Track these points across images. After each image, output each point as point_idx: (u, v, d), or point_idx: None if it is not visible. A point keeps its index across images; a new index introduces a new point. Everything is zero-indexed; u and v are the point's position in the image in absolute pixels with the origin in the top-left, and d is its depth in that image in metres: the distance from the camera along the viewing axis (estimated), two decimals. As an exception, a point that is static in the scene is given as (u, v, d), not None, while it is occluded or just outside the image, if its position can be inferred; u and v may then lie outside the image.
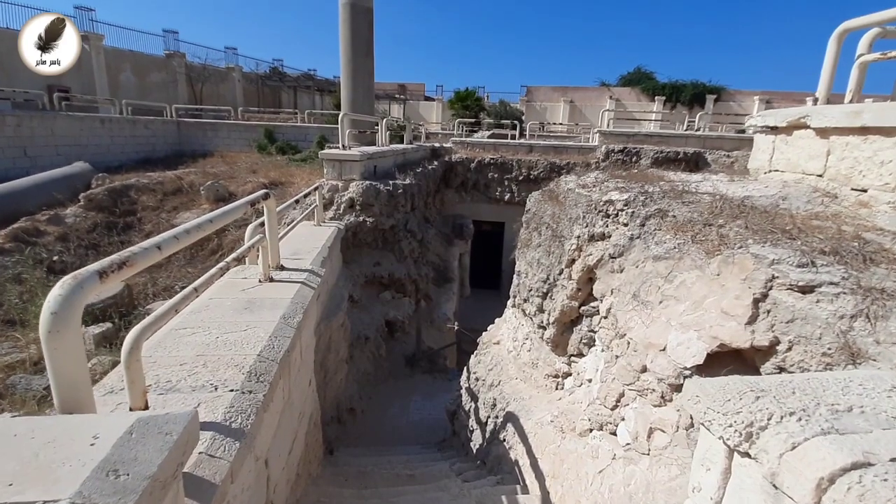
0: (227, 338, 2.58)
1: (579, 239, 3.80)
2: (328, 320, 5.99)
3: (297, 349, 2.99)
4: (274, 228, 3.69)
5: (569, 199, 4.26)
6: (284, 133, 20.58)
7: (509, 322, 5.53)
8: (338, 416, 6.35)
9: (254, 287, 3.41)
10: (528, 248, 4.69)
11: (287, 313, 2.98)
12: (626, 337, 2.99)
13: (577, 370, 3.93)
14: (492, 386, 4.96)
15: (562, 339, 4.03)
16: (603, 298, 3.61)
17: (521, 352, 4.84)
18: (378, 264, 8.44)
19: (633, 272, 3.24)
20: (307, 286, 3.61)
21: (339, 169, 8.33)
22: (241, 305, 3.05)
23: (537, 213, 4.77)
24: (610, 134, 16.15)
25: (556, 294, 4.01)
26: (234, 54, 31.82)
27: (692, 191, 3.51)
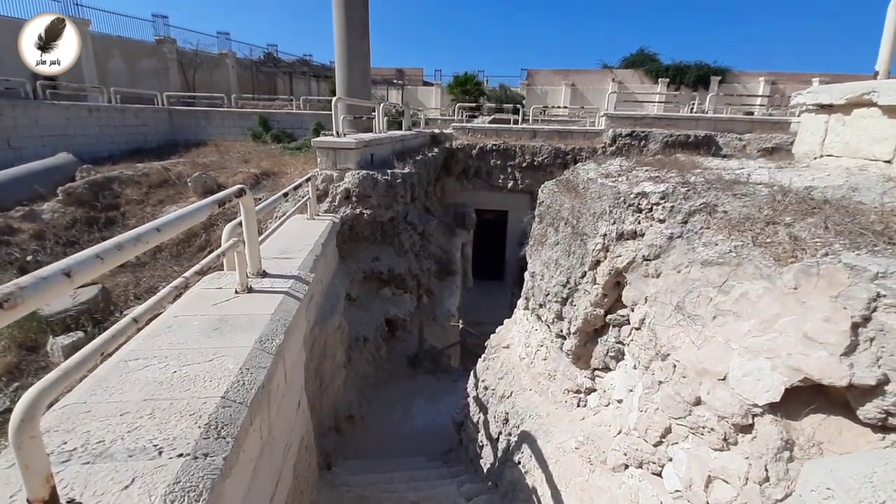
0: (186, 372, 2.09)
1: (605, 238, 3.30)
2: (323, 324, 5.52)
3: (277, 377, 2.51)
4: (253, 230, 3.18)
5: (590, 191, 3.74)
6: (280, 120, 19.96)
7: (520, 325, 5.05)
8: (336, 426, 5.91)
9: (228, 300, 2.91)
10: (542, 245, 4.19)
11: (265, 335, 2.48)
12: (671, 358, 2.50)
13: (602, 386, 3.45)
14: (503, 397, 4.49)
15: (584, 351, 3.55)
16: (635, 307, 3.12)
17: (535, 360, 4.36)
18: (377, 259, 7.94)
19: (675, 278, 2.74)
20: (292, 297, 3.11)
21: (334, 158, 7.78)
22: (210, 325, 2.55)
23: (552, 207, 4.26)
24: (617, 117, 15.52)
25: (577, 300, 3.51)
26: (226, 39, 30.93)
27: (742, 181, 3.00)
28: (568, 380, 3.72)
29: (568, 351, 3.59)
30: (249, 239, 3.19)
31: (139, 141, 17.91)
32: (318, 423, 5.47)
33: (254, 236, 3.21)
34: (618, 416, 3.11)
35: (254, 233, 3.20)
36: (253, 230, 3.18)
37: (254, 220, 3.20)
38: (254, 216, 3.19)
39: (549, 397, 3.93)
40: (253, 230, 3.18)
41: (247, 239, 3.20)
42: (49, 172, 10.60)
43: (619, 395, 3.19)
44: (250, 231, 3.16)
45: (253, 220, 3.18)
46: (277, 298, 2.99)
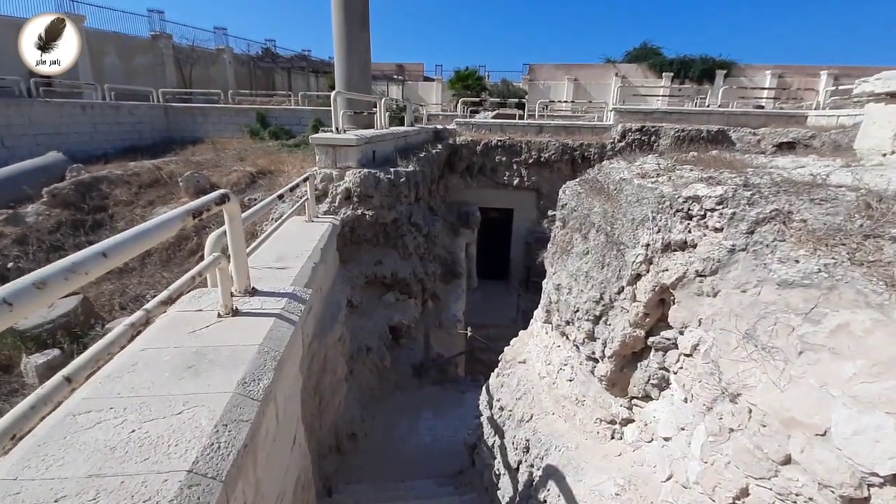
0: (148, 431, 1.65)
1: (648, 248, 2.85)
2: (322, 337, 5.08)
3: (266, 425, 2.07)
4: (240, 241, 2.74)
5: (624, 194, 3.29)
6: (278, 117, 19.49)
7: (539, 338, 4.61)
8: (337, 445, 5.49)
9: (208, 326, 2.47)
10: (567, 254, 3.74)
11: (250, 374, 2.04)
12: (744, 400, 2.06)
13: (642, 418, 3.01)
14: (522, 421, 4.06)
15: (621, 377, 3.10)
16: (685, 329, 2.67)
17: (557, 380, 3.92)
18: (380, 263, 7.50)
19: (739, 299, 2.29)
20: (286, 320, 2.67)
21: (334, 155, 7.32)
22: (183, 362, 2.11)
23: (577, 210, 3.80)
24: (625, 112, 15.04)
25: (613, 319, 3.07)
26: (223, 35, 30.39)
27: (819, 183, 2.55)
28: (600, 408, 3.28)
29: (602, 376, 3.14)
30: (235, 252, 2.75)
31: (134, 139, 17.46)
32: (318, 444, 5.05)
33: (240, 249, 2.77)
34: (666, 457, 2.67)
35: (240, 244, 2.75)
36: (239, 241, 2.74)
37: (240, 231, 2.75)
38: (240, 226, 2.74)
39: (577, 425, 3.49)
40: (239, 241, 2.74)
41: (232, 252, 2.75)
42: (38, 172, 10.15)
43: (665, 432, 2.75)
44: (236, 243, 2.72)
45: (239, 230, 2.74)
46: (268, 323, 2.55)
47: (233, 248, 2.74)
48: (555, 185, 14.45)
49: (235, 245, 2.73)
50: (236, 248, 2.74)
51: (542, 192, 14.65)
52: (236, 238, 2.71)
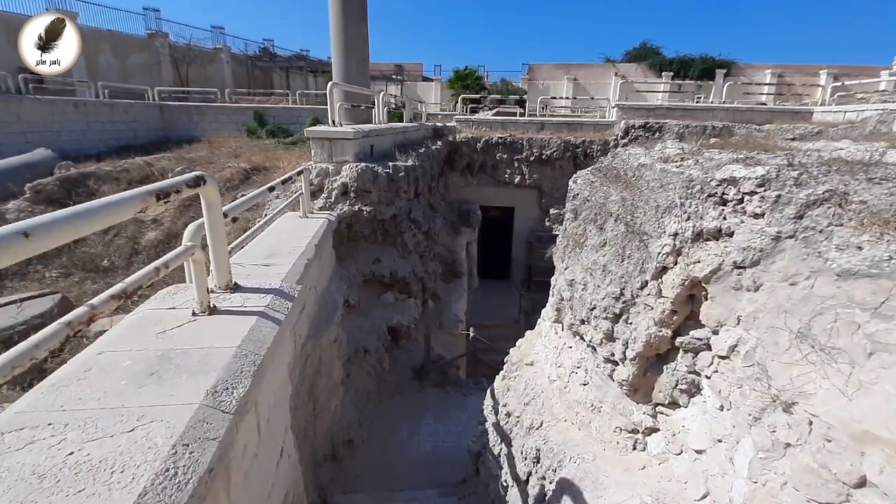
0: (89, 454, 1.35)
1: (676, 238, 2.55)
2: (317, 338, 4.78)
3: (243, 439, 1.77)
4: (219, 231, 2.44)
5: (645, 179, 3.00)
6: (275, 116, 19.21)
7: (547, 339, 4.31)
8: (333, 453, 5.17)
9: (180, 326, 2.16)
10: (580, 247, 3.44)
11: (222, 382, 1.74)
12: (802, 410, 1.76)
13: (669, 427, 2.71)
14: (531, 428, 3.75)
15: (644, 382, 2.80)
16: (720, 328, 2.37)
17: (569, 384, 3.62)
18: (378, 261, 7.19)
19: (787, 293, 2.00)
20: (270, 319, 2.36)
21: (330, 149, 7.02)
22: (145, 367, 1.81)
23: (591, 200, 3.51)
24: (629, 108, 14.76)
25: (635, 317, 2.77)
26: (220, 34, 30.06)
27: (874, 161, 2.25)
28: (620, 415, 2.97)
29: (622, 381, 2.84)
30: (214, 243, 2.45)
31: (129, 137, 17.15)
32: (312, 452, 4.74)
33: (220, 239, 2.46)
34: (699, 472, 2.37)
35: (220, 235, 2.45)
36: (219, 231, 2.44)
37: (219, 219, 2.45)
38: (220, 214, 2.44)
39: (594, 434, 3.19)
40: (219, 231, 2.44)
41: (211, 243, 2.45)
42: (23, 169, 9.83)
43: (698, 444, 2.44)
44: (215, 232, 2.42)
45: (218, 218, 2.44)
46: (248, 322, 2.24)
47: (211, 238, 2.44)
48: (556, 182, 14.25)
49: (214, 235, 2.43)
50: (215, 239, 2.44)
51: (544, 191, 14.37)
52: (215, 227, 2.41)
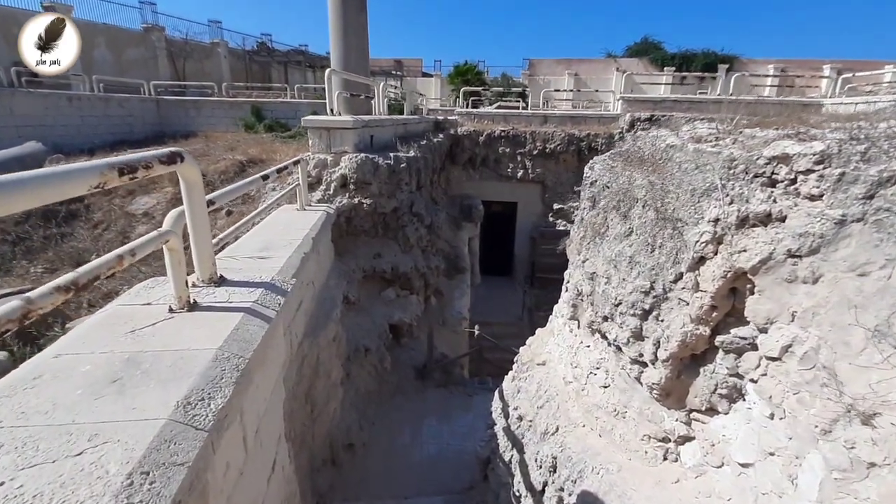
0: (22, 486, 1.06)
1: (717, 224, 2.26)
2: (315, 336, 4.49)
3: (226, 459, 1.49)
4: (201, 216, 2.15)
5: (675, 161, 2.71)
6: (273, 110, 18.93)
7: (561, 337, 4.02)
8: (332, 458, 4.90)
9: (154, 324, 1.88)
10: (601, 237, 3.15)
11: (196, 392, 1.45)
12: (888, 423, 1.48)
13: (707, 436, 2.43)
14: (546, 434, 3.47)
15: (677, 385, 2.52)
16: (769, 325, 2.09)
17: (588, 386, 3.34)
18: (378, 256, 6.91)
19: (858, 286, 1.71)
20: (259, 316, 2.08)
21: (328, 139, 6.72)
22: (108, 373, 1.52)
23: (613, 186, 3.22)
24: (634, 101, 14.45)
25: (668, 313, 2.48)
26: (218, 28, 29.66)
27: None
28: (648, 422, 2.69)
29: (653, 384, 2.56)
30: (195, 229, 2.16)
31: (124, 132, 16.85)
32: (311, 457, 4.46)
33: (202, 225, 2.18)
34: (747, 489, 2.09)
35: (201, 220, 2.16)
36: (200, 216, 2.15)
37: (202, 203, 2.16)
38: (201, 197, 2.15)
39: (617, 441, 2.91)
40: (200, 216, 2.15)
41: (191, 229, 2.16)
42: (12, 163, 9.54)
43: (744, 457, 2.16)
44: (196, 217, 2.13)
45: (200, 202, 2.15)
46: (234, 320, 1.96)
47: (192, 224, 2.15)
48: (560, 177, 13.96)
49: (195, 221, 2.14)
50: (197, 225, 2.15)
51: (548, 185, 14.09)
52: (196, 212, 2.13)
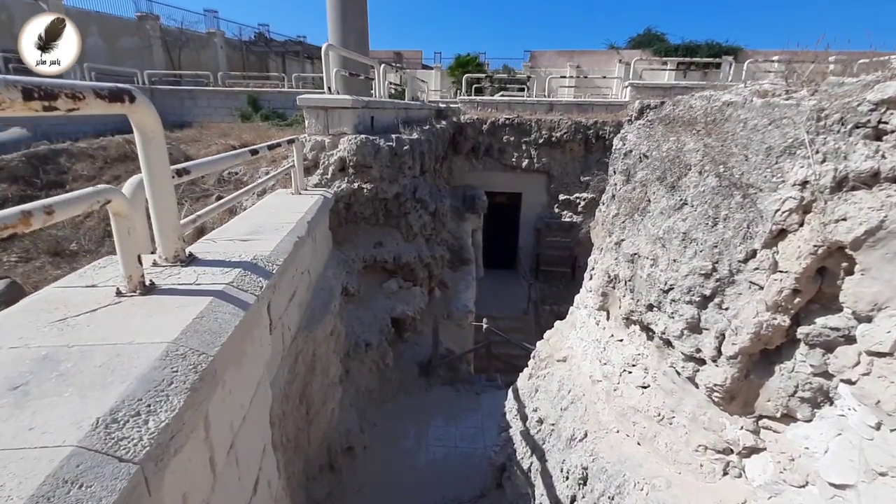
0: None
1: (805, 188, 1.83)
2: (310, 330, 4.07)
3: (178, 492, 1.06)
4: (161, 179, 1.71)
5: (737, 120, 2.27)
6: (271, 100, 18.46)
7: (586, 330, 3.59)
8: (329, 463, 4.47)
9: (93, 311, 1.44)
10: (640, 214, 2.71)
11: (127, 405, 1.01)
12: None
13: (783, 448, 2.00)
14: (572, 440, 3.05)
15: (745, 387, 2.09)
16: (874, 313, 1.66)
17: (622, 386, 2.91)
18: (380, 245, 6.47)
19: None
20: (232, 301, 1.64)
21: (326, 119, 6.26)
22: (10, 375, 1.09)
23: (653, 155, 2.78)
24: (643, 88, 13.98)
25: (735, 300, 2.05)
26: (214, 18, 29.11)
27: None
28: (705, 430, 2.27)
29: (714, 385, 2.12)
30: (155, 193, 1.72)
31: (116, 121, 16.26)
32: (306, 463, 4.04)
33: (164, 189, 1.74)
34: (850, 519, 1.66)
35: (163, 182, 1.72)
36: (161, 177, 1.71)
37: (162, 161, 1.72)
38: (161, 151, 1.71)
39: (662, 451, 2.48)
40: (161, 177, 1.71)
41: (150, 196, 1.73)
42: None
43: (839, 476, 1.74)
44: (155, 180, 1.69)
45: (159, 159, 1.71)
46: (199, 305, 1.52)
47: (150, 187, 1.71)
48: (566, 167, 13.50)
49: (155, 182, 1.70)
50: (157, 189, 1.71)
51: (553, 175, 13.62)
52: (155, 171, 1.69)
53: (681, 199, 2.36)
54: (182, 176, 2.35)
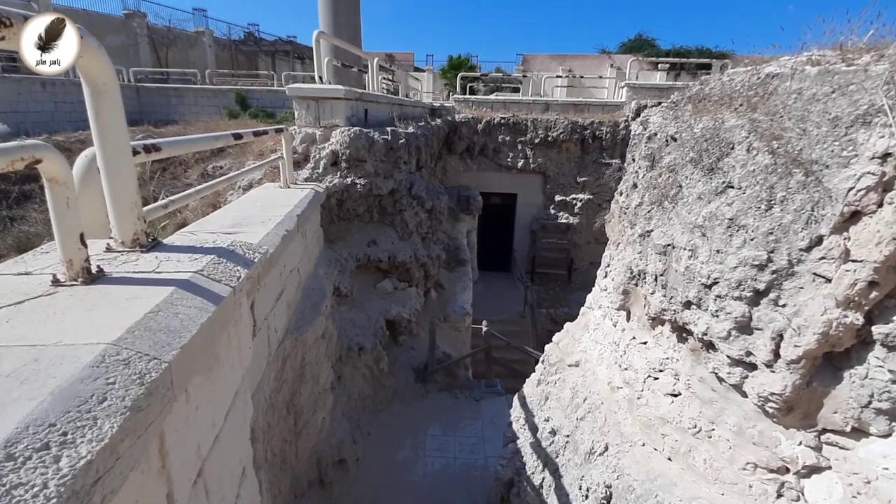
0: None
1: (886, 162, 1.55)
2: (299, 332, 3.73)
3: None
4: (115, 138, 1.39)
5: (784, 93, 2.00)
6: (259, 98, 18.10)
7: (600, 332, 3.30)
8: (320, 477, 4.12)
9: (20, 303, 1.11)
10: (671, 201, 2.43)
11: (32, 430, 0.70)
12: None
13: (853, 467, 1.72)
14: (592, 454, 2.75)
15: (806, 396, 1.81)
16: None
17: (646, 393, 2.62)
18: (374, 243, 6.14)
19: None
20: (198, 293, 1.32)
21: (317, 111, 5.94)
22: None
23: (683, 136, 2.50)
24: (639, 88, 13.83)
25: (795, 295, 1.77)
26: (203, 17, 28.64)
27: None
28: (754, 445, 1.98)
29: (770, 394, 1.84)
30: (107, 160, 1.40)
31: (99, 119, 15.93)
32: (293, 479, 3.69)
33: (119, 156, 1.42)
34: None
35: (118, 147, 1.40)
36: (116, 141, 1.39)
37: (117, 120, 1.40)
38: (116, 108, 1.39)
39: (699, 468, 2.19)
40: (116, 141, 1.39)
41: (102, 165, 1.41)
42: (-33, 143, 8.63)
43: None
44: (108, 145, 1.37)
45: (114, 117, 1.39)
46: (156, 297, 1.20)
47: (102, 153, 1.39)
48: (562, 167, 13.27)
49: (108, 148, 1.38)
50: (110, 155, 1.39)
51: (549, 176, 13.40)
52: (108, 134, 1.37)
53: (723, 181, 2.08)
54: (151, 153, 2.04)
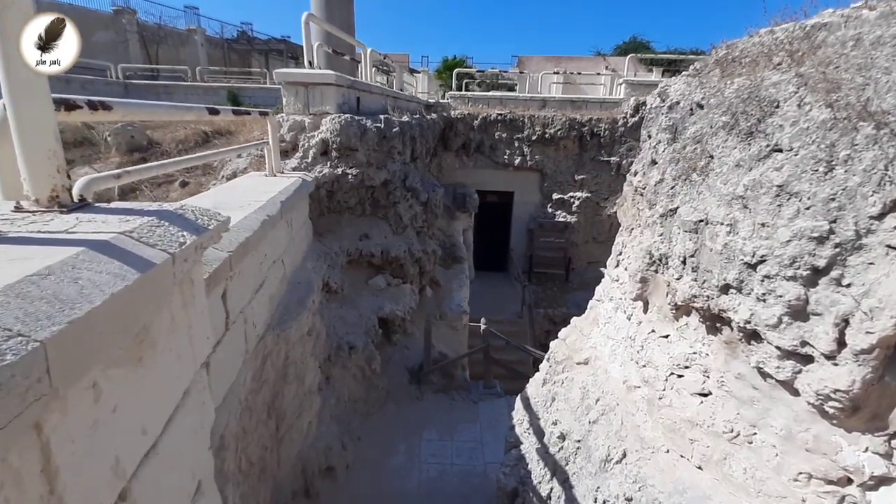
0: None
1: None
2: (282, 328, 3.41)
3: None
4: (22, 68, 1.07)
5: (835, 43, 1.72)
6: (252, 96, 17.74)
7: (612, 326, 3.01)
8: (305, 487, 3.79)
9: None
10: (700, 173, 2.14)
11: None
12: None
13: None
14: (608, 462, 2.45)
15: (875, 393, 1.51)
16: None
17: (670, 393, 2.32)
18: (366, 237, 5.82)
19: None
20: (118, 257, 1.01)
21: (306, 97, 5.62)
22: None
23: (710, 102, 2.22)
24: (638, 85, 13.62)
25: (863, 272, 1.48)
26: (195, 15, 28.25)
27: None
28: (808, 452, 1.69)
29: (832, 391, 1.55)
30: (12, 93, 1.08)
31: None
32: (275, 490, 3.36)
33: (34, 89, 1.10)
34: None
35: (31, 79, 1.09)
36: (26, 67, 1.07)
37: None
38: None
39: (738, 479, 1.90)
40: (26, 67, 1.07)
41: (5, 92, 1.09)
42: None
43: None
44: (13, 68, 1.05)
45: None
46: (53, 258, 0.89)
47: (6, 83, 1.07)
48: (560, 164, 13.01)
49: (12, 74, 1.07)
50: (14, 82, 1.08)
51: (547, 173, 13.15)
52: (14, 56, 1.05)
53: (767, 143, 1.79)
54: (97, 110, 1.74)
